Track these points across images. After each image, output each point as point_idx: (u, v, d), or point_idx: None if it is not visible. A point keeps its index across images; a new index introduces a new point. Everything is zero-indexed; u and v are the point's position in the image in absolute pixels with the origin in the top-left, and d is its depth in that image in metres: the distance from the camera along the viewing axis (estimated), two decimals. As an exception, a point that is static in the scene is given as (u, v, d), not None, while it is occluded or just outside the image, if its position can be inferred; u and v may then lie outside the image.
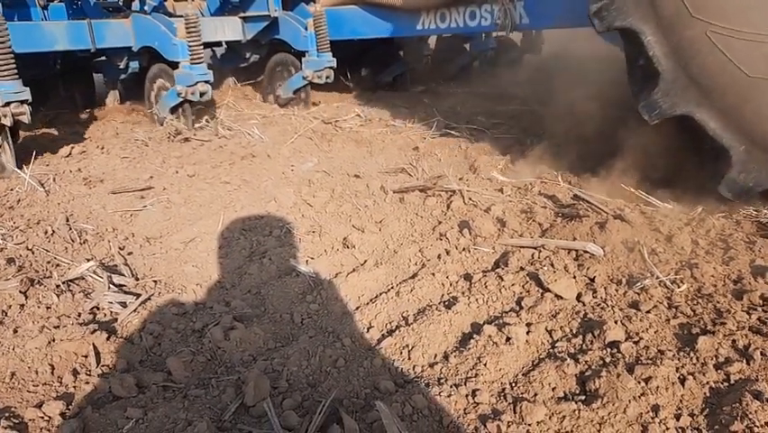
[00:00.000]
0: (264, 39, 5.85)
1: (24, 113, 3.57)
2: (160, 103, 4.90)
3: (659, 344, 1.72)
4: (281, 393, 1.62)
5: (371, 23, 5.67)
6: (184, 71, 4.51)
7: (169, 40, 4.50)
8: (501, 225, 2.65)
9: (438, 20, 5.20)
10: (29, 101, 3.60)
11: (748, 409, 1.42)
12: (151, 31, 4.66)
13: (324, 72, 5.43)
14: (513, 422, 1.48)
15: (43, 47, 4.27)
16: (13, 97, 3.52)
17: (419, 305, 2.08)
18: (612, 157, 3.19)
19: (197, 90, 4.49)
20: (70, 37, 4.41)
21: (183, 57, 4.49)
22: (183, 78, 4.50)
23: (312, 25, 5.35)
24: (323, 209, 2.94)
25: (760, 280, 2.02)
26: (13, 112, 3.51)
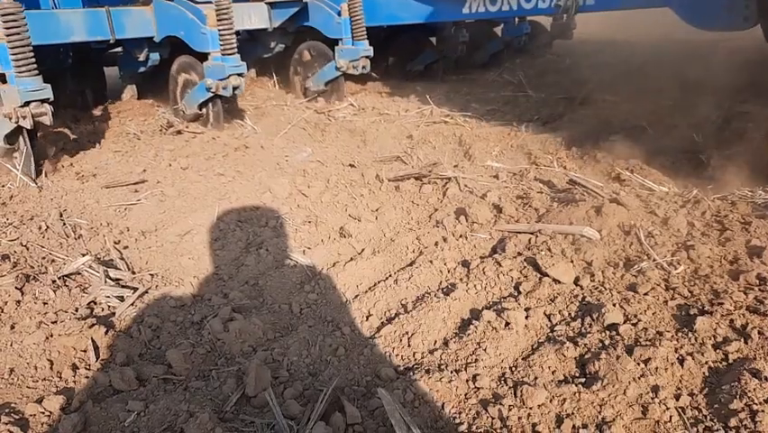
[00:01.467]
0: (291, 26, 5.37)
1: (46, 113, 3.17)
2: (186, 98, 4.47)
3: (657, 325, 1.73)
4: (282, 383, 1.62)
5: (410, 6, 5.22)
6: (215, 63, 4.07)
7: (197, 28, 4.06)
8: (498, 211, 2.65)
9: (488, 2, 4.78)
10: (50, 99, 3.21)
11: (747, 387, 1.43)
12: (177, 19, 4.20)
13: (360, 62, 4.93)
14: (514, 406, 1.49)
15: (59, 38, 3.84)
16: (32, 96, 3.13)
17: (418, 292, 2.08)
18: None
19: (230, 84, 4.07)
20: (88, 27, 3.96)
21: (213, 47, 4.04)
22: (214, 70, 4.07)
23: (346, 10, 4.88)
24: (318, 199, 2.93)
25: (756, 261, 2.03)
26: (33, 112, 3.12)
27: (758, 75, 5.39)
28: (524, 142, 3.80)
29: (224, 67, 4.04)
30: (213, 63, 4.09)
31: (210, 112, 4.38)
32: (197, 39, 4.13)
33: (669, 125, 3.96)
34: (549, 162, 3.42)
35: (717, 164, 3.03)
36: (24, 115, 3.12)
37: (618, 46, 8.31)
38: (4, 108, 3.17)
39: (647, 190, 2.80)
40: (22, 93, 3.10)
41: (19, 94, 3.09)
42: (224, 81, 4.07)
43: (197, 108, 4.36)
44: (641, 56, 7.30)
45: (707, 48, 7.49)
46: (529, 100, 5.18)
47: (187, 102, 4.48)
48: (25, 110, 3.12)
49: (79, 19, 3.92)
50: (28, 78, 3.13)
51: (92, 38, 4.06)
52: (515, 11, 4.70)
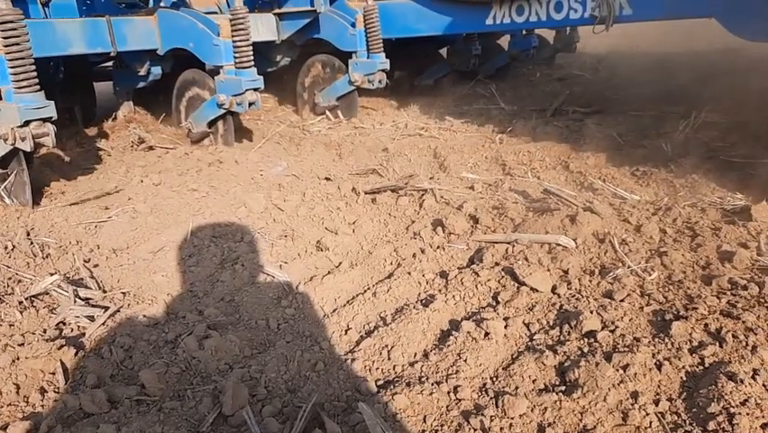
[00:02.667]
0: (299, 39, 5.11)
1: (47, 134, 2.85)
2: (194, 116, 4.19)
3: (634, 331, 1.75)
4: (260, 401, 1.59)
5: (428, 18, 4.91)
6: (228, 78, 3.80)
7: (208, 40, 3.77)
8: (474, 221, 2.66)
9: (514, 13, 4.45)
10: (53, 118, 2.90)
11: (724, 390, 1.44)
12: (185, 29, 3.90)
13: (376, 76, 4.71)
14: (496, 416, 1.48)
15: (56, 50, 3.53)
16: (33, 115, 2.82)
17: (396, 304, 2.07)
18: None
19: (245, 100, 3.80)
20: (87, 38, 3.63)
21: (227, 60, 3.77)
22: (228, 85, 3.80)
23: (361, 21, 4.64)
24: (294, 213, 2.90)
25: (727, 265, 2.08)
26: (33, 133, 2.81)
27: (724, 85, 5.56)
28: (498, 154, 3.83)
29: (239, 81, 3.79)
30: (226, 77, 3.82)
31: (220, 130, 4.15)
32: (209, 51, 3.85)
33: (638, 135, 4.05)
34: (523, 173, 3.45)
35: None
36: (24, 136, 2.80)
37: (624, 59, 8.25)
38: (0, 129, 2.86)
39: (620, 199, 2.84)
40: (21, 111, 2.78)
41: (18, 112, 2.77)
42: (240, 97, 3.82)
43: (206, 126, 4.12)
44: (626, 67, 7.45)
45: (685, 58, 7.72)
46: (502, 113, 5.24)
47: (194, 119, 4.21)
48: (25, 130, 2.81)
49: (78, 30, 3.61)
50: (29, 95, 2.82)
51: (91, 50, 3.75)
52: (544, 22, 4.37)
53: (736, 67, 6.61)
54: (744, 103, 4.80)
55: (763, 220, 2.38)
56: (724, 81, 5.97)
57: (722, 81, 5.95)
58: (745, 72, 6.34)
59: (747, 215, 2.41)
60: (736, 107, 4.67)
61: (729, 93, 5.25)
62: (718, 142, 3.79)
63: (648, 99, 5.38)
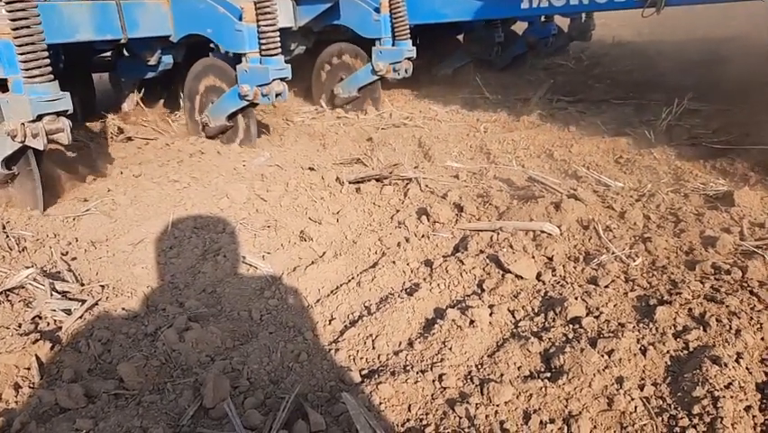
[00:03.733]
0: (317, 26, 4.76)
1: (62, 129, 2.55)
2: (211, 108, 3.89)
3: (619, 317, 1.75)
4: (242, 393, 1.56)
5: (456, 2, 4.66)
6: (252, 66, 3.48)
7: (230, 25, 3.45)
8: (459, 210, 2.65)
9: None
10: (69, 112, 2.60)
11: (708, 374, 1.45)
12: (203, 14, 3.57)
13: (402, 65, 4.41)
14: (481, 404, 1.46)
15: (62, 37, 3.15)
16: (47, 108, 2.50)
17: (381, 294, 2.04)
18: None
19: (272, 90, 3.50)
20: (96, 23, 3.28)
21: (251, 47, 3.45)
22: (252, 74, 3.49)
23: (386, 6, 4.33)
24: (277, 203, 2.86)
25: (710, 250, 2.08)
26: (47, 129, 2.51)
27: (704, 74, 5.59)
28: (482, 143, 3.82)
29: (266, 70, 3.47)
30: (250, 66, 3.50)
31: (240, 124, 3.87)
32: (230, 37, 3.52)
33: (622, 123, 4.06)
34: (508, 161, 3.44)
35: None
36: (36, 132, 2.49)
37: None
38: (6, 124, 2.52)
39: (604, 186, 2.84)
40: (33, 104, 2.46)
41: (30, 105, 2.46)
42: (266, 87, 3.50)
43: (226, 120, 3.85)
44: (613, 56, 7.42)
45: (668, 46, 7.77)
46: (487, 102, 5.23)
47: (212, 113, 3.91)
48: (37, 126, 2.49)
49: (86, 14, 3.24)
50: (41, 85, 2.51)
51: (100, 37, 3.37)
52: (585, 5, 4.07)
53: (717, 57, 6.66)
54: (725, 91, 4.84)
55: (746, 205, 2.39)
56: (705, 70, 6.01)
57: (703, 70, 6.00)
58: (725, 61, 6.39)
59: (730, 200, 2.42)
60: (718, 95, 4.70)
61: (710, 81, 5.30)
62: (701, 129, 3.81)
63: (631, 88, 5.41)
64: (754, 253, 2.03)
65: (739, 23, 8.68)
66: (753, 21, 8.85)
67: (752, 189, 2.58)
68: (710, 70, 6.00)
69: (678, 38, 8.67)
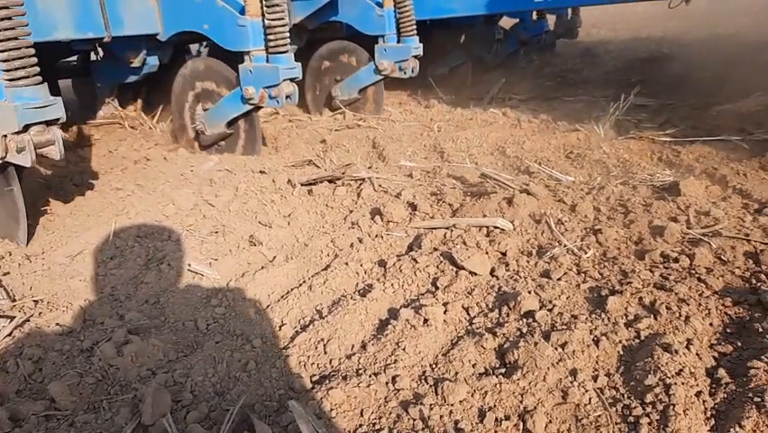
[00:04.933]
0: (312, 23, 4.43)
1: (53, 142, 2.19)
2: (207, 115, 3.56)
3: (572, 309, 1.74)
4: (185, 406, 1.47)
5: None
6: (258, 66, 3.15)
7: (231, 20, 3.12)
8: (413, 208, 2.61)
9: None
10: (61, 119, 2.23)
11: (659, 362, 1.44)
12: (198, 8, 3.23)
13: (409, 63, 4.11)
14: (435, 404, 1.42)
15: (37, 36, 2.59)
16: (36, 116, 2.13)
17: (333, 296, 1.98)
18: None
19: (281, 92, 3.17)
20: (76, 20, 2.89)
21: (256, 44, 3.12)
22: (258, 75, 3.16)
23: (390, 0, 4.05)
24: (226, 208, 2.76)
25: (659, 239, 2.11)
26: (35, 141, 2.14)
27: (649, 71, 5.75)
28: (436, 142, 3.80)
29: (274, 70, 3.12)
30: (255, 66, 3.18)
31: (241, 131, 3.54)
32: (231, 34, 3.18)
33: (572, 119, 4.12)
34: (461, 159, 3.43)
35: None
36: (22, 145, 2.10)
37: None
38: None
39: (555, 181, 2.86)
40: (19, 112, 2.09)
41: (15, 113, 2.08)
42: (274, 89, 3.15)
43: (225, 126, 3.51)
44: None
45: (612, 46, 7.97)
46: (441, 102, 5.23)
47: (208, 119, 3.57)
48: (23, 138, 2.11)
49: (64, 10, 2.86)
50: (28, 89, 2.13)
51: (81, 35, 3.00)
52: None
53: (661, 54, 6.88)
54: (670, 86, 4.99)
55: (691, 195, 2.44)
56: (650, 67, 6.20)
57: (648, 67, 6.18)
58: (668, 59, 6.61)
59: (676, 190, 2.47)
60: (663, 90, 4.84)
61: (655, 77, 5.45)
62: (647, 123, 3.90)
63: (580, 85, 5.52)
64: (701, 241, 2.07)
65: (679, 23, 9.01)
66: (691, 20, 9.19)
67: (697, 179, 2.63)
68: (655, 67, 6.19)
69: (624, 37, 8.93)
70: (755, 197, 2.50)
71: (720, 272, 1.88)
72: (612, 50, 7.78)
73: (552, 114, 4.34)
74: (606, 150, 3.32)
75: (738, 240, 2.07)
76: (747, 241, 2.06)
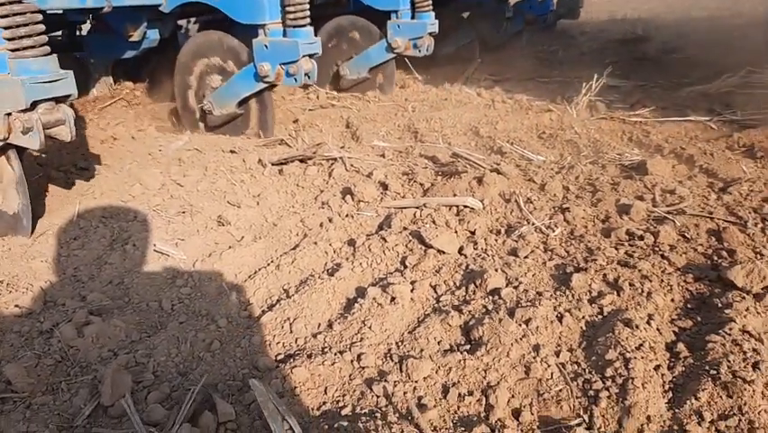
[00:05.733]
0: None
1: (63, 121, 1.97)
2: (215, 94, 3.29)
3: (537, 286, 1.75)
4: (146, 387, 1.45)
5: None
6: (275, 40, 2.91)
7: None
8: (384, 188, 2.60)
9: None
10: (73, 97, 2.04)
11: (620, 337, 1.46)
12: None
13: (424, 41, 3.87)
14: (399, 381, 1.42)
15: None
16: (45, 91, 1.92)
17: (301, 276, 1.97)
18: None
19: (300, 69, 2.92)
20: None
21: (272, 17, 2.89)
22: (274, 50, 2.91)
23: None
24: (194, 188, 2.71)
25: (625, 217, 2.13)
26: (44, 121, 1.93)
27: (623, 52, 5.78)
28: (410, 122, 3.77)
29: (293, 45, 2.87)
30: (272, 40, 2.93)
31: (253, 111, 3.31)
32: (244, 6, 2.95)
33: (546, 100, 4.12)
34: (435, 140, 3.42)
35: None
36: (29, 125, 1.89)
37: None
38: None
39: (526, 160, 2.87)
40: (26, 86, 1.86)
41: (21, 88, 1.85)
42: (293, 66, 2.89)
43: (236, 106, 3.28)
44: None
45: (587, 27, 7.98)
46: (416, 82, 5.19)
47: (218, 98, 3.32)
48: (30, 117, 1.90)
49: None
50: (36, 60, 1.92)
51: (79, 5, 2.80)
52: None
53: (635, 36, 6.91)
54: (642, 67, 5.03)
55: (658, 174, 2.47)
56: (624, 48, 6.23)
57: (623, 48, 6.21)
58: (642, 40, 6.65)
59: (644, 169, 2.49)
60: (636, 72, 4.87)
61: (629, 59, 5.49)
62: (619, 103, 3.93)
63: (555, 66, 5.52)
64: (666, 219, 2.09)
65: (654, 5, 9.05)
66: (666, 3, 9.24)
67: (664, 159, 2.66)
68: (629, 49, 6.22)
69: (601, 18, 8.95)
70: (721, 176, 2.54)
71: (683, 249, 1.91)
72: (588, 32, 7.79)
73: (526, 94, 4.34)
74: (577, 130, 3.33)
75: (702, 218, 2.10)
76: (711, 219, 2.09)
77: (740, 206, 2.19)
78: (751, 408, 1.26)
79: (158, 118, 3.98)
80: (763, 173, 2.55)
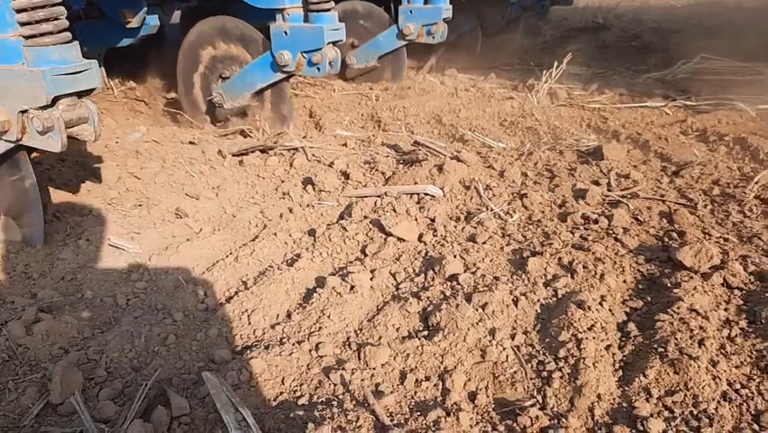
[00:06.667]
0: None
1: (86, 119, 1.72)
2: (226, 84, 3.07)
3: (494, 271, 1.77)
4: (99, 384, 1.42)
5: None
6: (296, 26, 2.68)
7: None
8: (345, 177, 2.58)
9: None
10: (96, 89, 1.76)
11: (573, 318, 1.49)
12: None
13: (438, 27, 3.69)
14: (357, 369, 1.42)
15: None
16: (66, 86, 1.65)
17: (260, 267, 1.95)
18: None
19: (324, 58, 2.70)
20: None
21: (293, 1, 2.70)
22: (296, 37, 2.69)
23: None
24: (152, 180, 2.65)
25: (581, 202, 2.17)
26: (66, 119, 1.67)
27: (584, 40, 5.85)
28: (374, 111, 3.76)
29: (318, 31, 2.64)
30: (292, 26, 2.70)
31: (267, 103, 3.09)
32: None
33: (508, 87, 4.16)
34: (398, 128, 3.42)
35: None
36: (49, 124, 1.64)
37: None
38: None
39: (487, 148, 2.89)
40: (47, 79, 1.60)
41: (42, 81, 1.59)
42: (316, 54, 2.69)
43: (249, 98, 3.08)
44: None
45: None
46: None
47: (228, 90, 3.09)
48: (50, 115, 1.64)
49: None
50: (57, 48, 1.66)
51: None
52: None
53: (597, 24, 7.01)
54: (602, 55, 5.11)
55: (614, 158, 2.52)
56: (586, 37, 6.32)
57: (585, 36, 6.30)
58: (603, 28, 6.75)
59: (599, 154, 2.54)
60: (595, 59, 4.95)
61: (591, 47, 5.57)
62: (579, 91, 3.98)
63: (518, 54, 5.56)
64: (620, 203, 2.14)
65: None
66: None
67: (620, 144, 2.72)
68: (590, 37, 6.31)
69: (564, 7, 9.04)
70: (674, 160, 2.61)
71: (636, 232, 1.95)
72: (552, 20, 7.87)
73: (488, 82, 4.37)
74: (538, 117, 3.37)
75: (654, 201, 2.15)
76: (663, 201, 2.15)
77: (691, 188, 2.26)
78: (696, 383, 1.30)
79: (139, 111, 3.87)
80: (714, 157, 2.63)
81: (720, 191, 2.22)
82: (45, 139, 1.69)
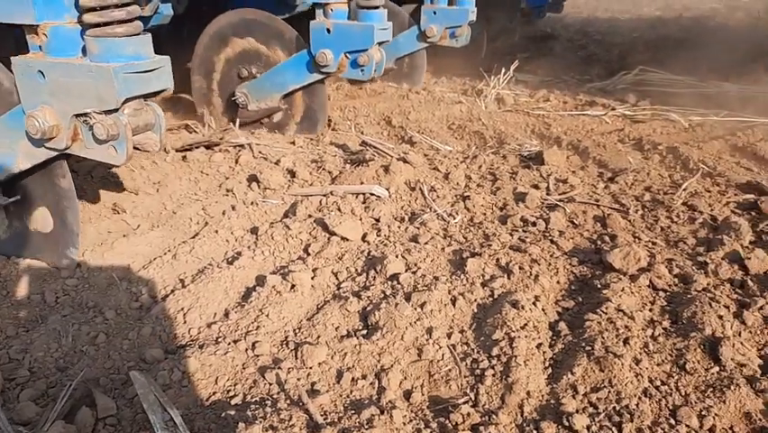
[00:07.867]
0: None
1: (152, 125, 1.51)
2: (252, 85, 2.84)
3: (435, 271, 1.80)
4: (20, 384, 1.36)
5: None
6: (340, 24, 2.50)
7: None
8: (291, 176, 2.57)
9: None
10: (167, 90, 1.52)
11: (507, 317, 1.53)
12: None
13: (463, 30, 3.53)
14: (294, 368, 1.42)
15: None
16: (140, 86, 1.43)
17: (199, 265, 1.91)
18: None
19: (371, 60, 2.51)
20: None
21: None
22: (341, 36, 2.49)
23: None
24: (89, 175, 2.55)
25: (521, 205, 2.23)
26: (133, 125, 1.46)
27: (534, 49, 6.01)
28: (325, 110, 3.74)
29: (367, 30, 2.43)
30: (336, 23, 2.51)
31: (298, 106, 2.86)
32: None
33: (458, 92, 4.22)
34: (347, 128, 3.42)
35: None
36: (114, 132, 1.40)
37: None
38: (40, 116, 1.41)
39: (434, 150, 2.93)
40: (119, 78, 1.36)
41: (113, 80, 1.35)
42: (362, 55, 2.48)
43: (279, 101, 2.86)
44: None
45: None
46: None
47: (255, 89, 2.86)
48: (116, 121, 1.40)
49: None
50: (130, 40, 1.41)
51: None
52: None
53: (545, 34, 7.21)
54: (549, 64, 5.26)
55: (554, 164, 2.60)
56: (534, 45, 6.48)
57: (533, 45, 6.46)
58: (551, 38, 6.95)
59: (540, 159, 2.62)
60: (543, 67, 5.09)
61: (538, 55, 5.72)
62: (525, 97, 4.09)
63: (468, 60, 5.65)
64: (557, 206, 2.21)
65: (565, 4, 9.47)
66: (574, 2, 9.72)
67: (561, 150, 2.81)
68: (538, 45, 6.49)
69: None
70: (610, 166, 2.72)
71: (571, 235, 2.02)
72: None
73: (439, 87, 4.42)
74: (485, 122, 3.44)
75: (590, 205, 2.24)
76: (597, 206, 2.23)
77: (624, 194, 2.36)
78: (619, 380, 1.35)
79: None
80: (648, 164, 2.75)
81: (651, 197, 2.33)
82: (105, 149, 1.45)
